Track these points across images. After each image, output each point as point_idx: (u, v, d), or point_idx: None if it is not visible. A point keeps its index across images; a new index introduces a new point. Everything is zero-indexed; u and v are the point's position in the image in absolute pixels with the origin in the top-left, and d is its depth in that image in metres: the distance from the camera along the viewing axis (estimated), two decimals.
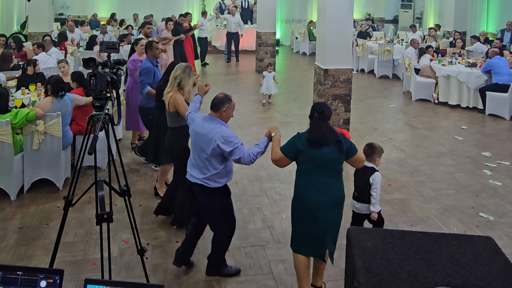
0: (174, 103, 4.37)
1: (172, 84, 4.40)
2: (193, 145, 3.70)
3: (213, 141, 3.51)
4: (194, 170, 3.69)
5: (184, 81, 4.39)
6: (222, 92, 3.75)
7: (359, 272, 2.32)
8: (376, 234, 2.67)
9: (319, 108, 3.50)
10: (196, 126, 3.67)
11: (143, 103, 5.85)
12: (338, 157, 3.39)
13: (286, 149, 3.46)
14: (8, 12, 14.54)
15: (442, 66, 9.70)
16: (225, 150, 3.50)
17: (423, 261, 2.38)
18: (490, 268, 2.32)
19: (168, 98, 4.40)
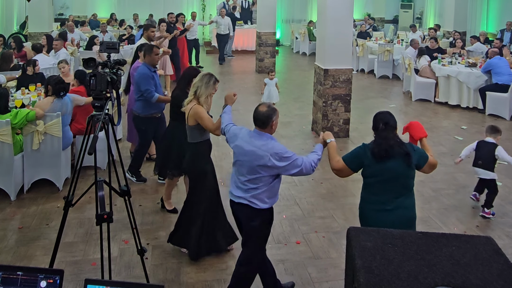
0: (194, 116, 3.98)
1: (190, 93, 4.07)
2: (238, 163, 3.37)
3: (265, 159, 3.21)
4: (238, 190, 3.37)
5: (200, 90, 3.99)
6: (263, 104, 3.40)
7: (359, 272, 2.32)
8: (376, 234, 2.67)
9: (385, 118, 3.30)
10: (242, 143, 3.34)
11: (138, 112, 5.45)
12: (407, 171, 3.17)
13: (349, 160, 3.29)
14: (8, 12, 14.55)
15: (442, 66, 9.70)
16: (279, 166, 3.22)
17: (423, 261, 2.38)
18: (490, 268, 2.32)
19: (187, 110, 4.02)
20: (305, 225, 4.80)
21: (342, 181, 5.87)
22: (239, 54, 15.82)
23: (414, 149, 3.25)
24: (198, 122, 3.99)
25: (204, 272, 3.96)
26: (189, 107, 4.00)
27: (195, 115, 3.96)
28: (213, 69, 13.39)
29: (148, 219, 4.85)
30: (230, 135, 3.48)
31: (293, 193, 5.46)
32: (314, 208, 5.11)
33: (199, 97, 3.99)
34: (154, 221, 4.81)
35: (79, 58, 9.80)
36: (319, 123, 7.49)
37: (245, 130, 3.43)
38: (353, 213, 5.02)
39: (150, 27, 7.52)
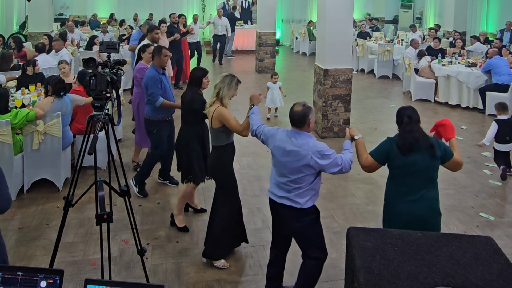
0: (219, 118, 3.88)
1: (212, 95, 3.98)
2: (279, 163, 3.35)
3: (308, 157, 3.21)
4: (280, 190, 3.36)
5: (222, 91, 3.92)
6: (298, 103, 3.37)
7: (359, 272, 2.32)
8: (376, 234, 2.67)
9: (408, 113, 3.40)
10: (282, 143, 3.32)
11: (149, 116, 5.24)
12: (431, 163, 3.24)
13: (377, 155, 3.36)
14: (8, 12, 14.55)
15: (442, 66, 9.70)
16: (321, 164, 3.23)
17: (423, 261, 2.38)
18: (490, 268, 2.32)
19: (211, 112, 3.92)
20: None
21: (342, 181, 5.88)
22: (239, 54, 15.82)
23: (438, 142, 3.32)
24: (223, 124, 3.89)
25: (204, 272, 3.96)
26: (213, 109, 3.90)
27: (220, 117, 3.87)
28: (213, 70, 13.38)
29: (148, 219, 4.85)
30: (267, 136, 3.48)
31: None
32: None
33: (222, 98, 3.92)
34: (154, 221, 4.81)
35: (79, 58, 9.80)
36: (319, 123, 7.49)
37: (282, 131, 3.42)
38: (353, 213, 5.03)
39: (154, 28, 7.25)
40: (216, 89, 3.95)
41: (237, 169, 4.19)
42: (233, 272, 3.98)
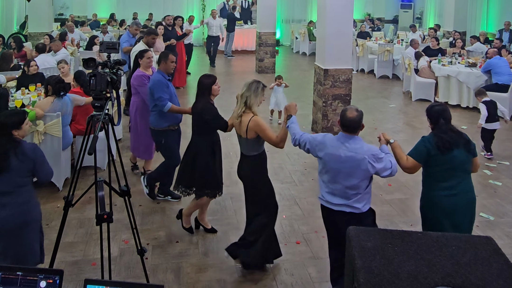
0: (256, 128, 3.74)
1: (240, 105, 3.84)
2: (333, 170, 3.33)
3: (364, 162, 3.24)
4: (336, 198, 3.36)
5: (250, 100, 3.79)
6: (350, 109, 3.36)
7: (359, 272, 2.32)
8: (376, 234, 2.66)
9: (442, 113, 3.53)
10: (335, 150, 3.32)
11: (154, 126, 4.99)
12: (467, 157, 3.44)
13: (418, 156, 3.44)
14: (8, 12, 14.55)
15: (442, 66, 9.70)
16: (377, 168, 3.27)
17: (423, 261, 2.38)
18: (490, 268, 2.32)
19: (244, 123, 3.77)
20: (305, 225, 4.79)
21: None
22: (239, 54, 15.82)
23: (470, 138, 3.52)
24: (257, 134, 3.76)
25: (204, 272, 3.96)
26: (246, 119, 3.76)
27: (256, 127, 3.73)
28: (212, 70, 13.38)
29: (148, 219, 4.84)
30: (314, 144, 3.43)
31: (293, 193, 5.46)
32: (314, 208, 5.10)
33: (251, 107, 3.79)
34: (154, 221, 4.81)
35: (79, 58, 9.80)
36: (319, 123, 7.48)
37: (330, 137, 3.41)
38: None
39: (152, 33, 6.88)
40: (243, 98, 3.81)
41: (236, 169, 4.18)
42: (233, 272, 3.98)
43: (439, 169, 3.40)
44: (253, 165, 3.89)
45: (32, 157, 3.31)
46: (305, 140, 3.50)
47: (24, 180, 3.31)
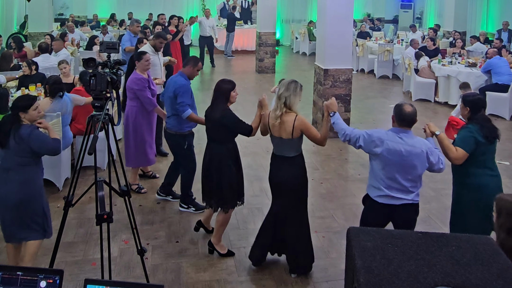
0: (301, 127, 3.67)
1: (278, 106, 3.71)
2: (393, 165, 3.32)
3: (423, 155, 3.29)
4: (399, 192, 3.36)
5: (290, 100, 3.69)
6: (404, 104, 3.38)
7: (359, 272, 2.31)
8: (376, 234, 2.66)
9: (484, 103, 3.73)
10: (395, 145, 3.30)
11: (175, 130, 4.75)
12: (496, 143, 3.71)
13: (467, 147, 3.55)
14: (8, 12, 14.55)
15: (442, 66, 9.70)
16: (431, 161, 3.32)
17: (423, 261, 2.38)
18: (490, 268, 2.32)
19: (289, 122, 3.66)
20: None
21: (342, 181, 5.88)
22: (239, 54, 15.82)
23: None
24: (301, 134, 3.72)
25: (204, 272, 3.96)
26: (290, 119, 3.67)
27: (302, 126, 3.67)
28: (213, 69, 13.38)
29: (148, 219, 4.84)
30: (370, 140, 3.38)
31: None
32: (314, 208, 5.10)
33: (291, 107, 3.69)
34: (154, 221, 4.81)
35: (79, 58, 9.81)
36: (319, 123, 7.48)
37: (386, 132, 3.39)
38: (353, 213, 5.02)
39: (161, 37, 6.34)
40: (281, 99, 3.70)
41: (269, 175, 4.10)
42: (233, 272, 3.98)
43: (485, 156, 3.58)
44: (297, 166, 3.80)
45: (26, 140, 3.47)
46: (357, 136, 3.44)
47: (24, 159, 3.50)
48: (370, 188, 3.50)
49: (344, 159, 6.59)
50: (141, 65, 5.22)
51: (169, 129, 4.82)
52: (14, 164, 3.49)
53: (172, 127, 4.79)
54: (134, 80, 5.14)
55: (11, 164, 3.49)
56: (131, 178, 5.39)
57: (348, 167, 6.34)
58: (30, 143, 3.48)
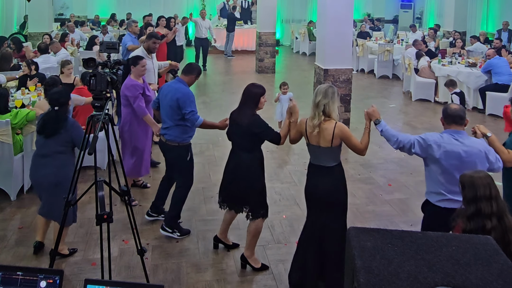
0: (342, 135, 3.51)
1: (317, 114, 3.54)
2: (453, 168, 3.23)
3: (482, 155, 3.21)
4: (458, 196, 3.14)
5: (329, 107, 3.51)
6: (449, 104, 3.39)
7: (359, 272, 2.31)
8: (376, 234, 2.66)
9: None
10: (454, 147, 3.23)
11: (178, 141, 4.41)
12: None
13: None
14: (8, 12, 14.56)
15: (442, 66, 9.70)
16: (491, 160, 3.24)
17: (423, 261, 2.37)
18: (490, 268, 2.31)
19: (329, 130, 3.49)
20: None
21: None
22: (239, 54, 15.82)
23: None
24: (341, 142, 3.55)
25: (204, 272, 3.96)
26: (330, 126, 3.50)
27: (342, 134, 3.51)
28: (213, 69, 13.38)
29: (148, 219, 4.84)
30: (426, 145, 3.29)
31: (293, 193, 5.45)
32: None
33: (330, 114, 3.52)
34: (154, 221, 4.81)
35: (79, 58, 9.81)
36: None
37: (440, 135, 3.30)
38: (353, 213, 5.02)
39: (153, 37, 6.01)
40: (320, 106, 3.52)
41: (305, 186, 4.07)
42: (233, 272, 3.98)
43: None
44: (336, 176, 3.60)
45: (70, 131, 3.92)
46: (411, 142, 3.35)
47: (62, 148, 3.94)
48: (430, 195, 3.39)
49: (344, 159, 6.55)
50: (137, 71, 4.96)
51: (169, 142, 4.42)
52: (52, 151, 3.93)
53: (174, 139, 4.41)
54: (127, 86, 4.88)
55: (49, 151, 3.93)
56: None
57: (348, 167, 6.33)
58: (72, 134, 3.92)
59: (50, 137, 3.93)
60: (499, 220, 2.62)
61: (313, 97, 3.61)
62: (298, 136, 3.77)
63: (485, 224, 2.61)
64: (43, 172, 3.92)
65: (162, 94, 4.47)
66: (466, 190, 2.71)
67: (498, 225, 2.61)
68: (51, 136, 3.92)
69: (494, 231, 2.56)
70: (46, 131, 3.94)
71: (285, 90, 7.37)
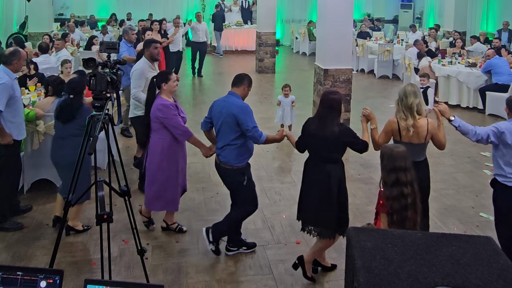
0: (433, 131, 3.75)
1: (409, 115, 3.68)
2: None
3: None
4: None
5: (420, 106, 3.73)
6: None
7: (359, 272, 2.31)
8: (376, 234, 2.66)
9: None
10: None
11: (232, 164, 3.96)
12: None
13: None
14: (8, 12, 14.56)
15: (442, 66, 9.70)
16: None
17: (423, 261, 2.38)
18: (490, 268, 2.32)
19: (424, 127, 3.69)
20: None
21: None
22: (239, 54, 15.83)
23: None
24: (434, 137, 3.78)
25: (204, 272, 3.96)
26: (424, 123, 3.70)
27: (434, 129, 3.77)
28: (213, 69, 13.38)
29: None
30: (500, 133, 3.66)
31: (293, 193, 5.45)
32: None
33: (421, 112, 3.73)
34: (154, 221, 4.80)
35: (79, 58, 9.81)
36: None
37: (508, 123, 3.68)
38: (353, 213, 5.02)
39: (153, 42, 5.43)
40: (413, 107, 3.69)
41: None
42: (233, 272, 3.98)
43: None
44: (427, 168, 3.87)
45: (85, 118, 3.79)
46: (487, 133, 3.68)
47: (78, 131, 4.16)
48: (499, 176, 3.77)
49: (344, 159, 6.56)
50: (168, 87, 4.31)
51: (223, 164, 3.99)
52: (69, 134, 4.30)
53: (228, 161, 3.96)
54: (159, 107, 4.20)
55: (66, 135, 4.34)
56: (167, 216, 4.61)
57: (348, 167, 6.33)
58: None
59: (66, 122, 4.34)
60: (412, 187, 3.07)
61: (402, 99, 3.74)
62: (388, 139, 3.88)
63: (403, 190, 3.05)
64: (61, 153, 4.33)
65: (215, 112, 4.05)
66: (386, 161, 3.16)
67: (412, 191, 3.06)
68: (68, 122, 4.34)
69: (410, 196, 3.04)
70: (63, 117, 4.35)
71: (286, 92, 7.26)
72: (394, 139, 3.83)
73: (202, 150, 4.38)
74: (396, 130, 3.78)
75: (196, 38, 12.09)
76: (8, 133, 4.42)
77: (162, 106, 4.20)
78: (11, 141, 4.46)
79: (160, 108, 4.20)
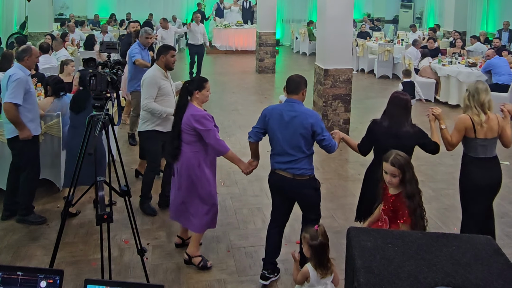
0: (504, 126, 3.96)
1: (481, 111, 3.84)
2: None
3: None
4: None
5: (491, 102, 3.94)
6: None
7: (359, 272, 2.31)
8: (376, 234, 2.66)
9: None
10: None
11: (309, 173, 3.69)
12: None
13: None
14: (8, 12, 14.57)
15: (442, 66, 9.70)
16: None
17: (423, 261, 2.38)
18: (490, 268, 2.32)
19: (495, 121, 3.91)
20: None
21: (342, 181, 5.88)
22: (239, 54, 15.84)
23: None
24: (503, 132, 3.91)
25: (204, 272, 3.96)
26: (495, 117, 3.93)
27: (504, 123, 3.95)
28: (213, 69, 13.38)
29: (148, 219, 4.84)
30: None
31: None
32: None
33: (491, 108, 3.93)
34: (154, 221, 4.81)
35: (79, 58, 9.81)
36: None
37: None
38: (353, 213, 5.01)
39: (170, 49, 4.91)
40: (485, 104, 3.88)
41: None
42: (233, 272, 3.98)
43: None
44: (499, 164, 4.03)
45: None
46: None
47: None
48: None
49: (344, 159, 6.60)
50: (202, 96, 3.92)
51: (299, 176, 3.63)
52: (81, 124, 4.17)
53: (305, 172, 3.64)
54: (195, 117, 3.78)
55: (79, 124, 4.50)
56: (191, 249, 4.04)
57: (348, 166, 6.34)
58: None
59: (79, 113, 4.70)
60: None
61: (473, 96, 3.86)
62: (461, 138, 3.95)
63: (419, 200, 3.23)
64: (74, 141, 4.54)
65: (275, 122, 3.64)
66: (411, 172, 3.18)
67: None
68: (80, 112, 4.68)
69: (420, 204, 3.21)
70: (75, 107, 4.76)
71: None
72: (468, 137, 3.90)
73: (241, 166, 3.91)
74: (470, 127, 3.86)
75: (193, 40, 11.35)
76: (27, 127, 4.48)
77: (201, 117, 3.77)
78: (30, 135, 4.51)
79: (198, 119, 3.76)
